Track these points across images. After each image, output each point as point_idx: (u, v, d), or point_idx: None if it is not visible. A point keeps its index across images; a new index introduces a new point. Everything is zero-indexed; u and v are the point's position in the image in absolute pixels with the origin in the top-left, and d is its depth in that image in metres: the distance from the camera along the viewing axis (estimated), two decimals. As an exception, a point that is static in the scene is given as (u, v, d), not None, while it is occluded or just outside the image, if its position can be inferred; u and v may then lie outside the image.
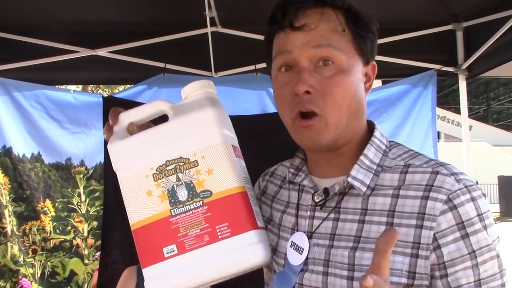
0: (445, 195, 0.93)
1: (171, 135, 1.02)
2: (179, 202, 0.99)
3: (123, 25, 3.01)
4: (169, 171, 1.00)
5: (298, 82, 0.98)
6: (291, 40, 1.01)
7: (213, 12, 2.73)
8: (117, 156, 1.04)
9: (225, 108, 2.21)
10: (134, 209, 1.02)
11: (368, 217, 0.99)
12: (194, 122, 1.01)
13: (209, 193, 0.98)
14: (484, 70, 3.12)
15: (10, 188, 3.02)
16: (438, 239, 0.92)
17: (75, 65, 3.06)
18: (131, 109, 1.07)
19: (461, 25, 3.07)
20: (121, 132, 1.06)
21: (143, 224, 1.01)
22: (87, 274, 3.13)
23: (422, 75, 3.19)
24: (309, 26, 0.98)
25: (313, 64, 1.00)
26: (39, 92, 3.04)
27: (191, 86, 1.06)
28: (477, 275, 0.91)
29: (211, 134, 1.01)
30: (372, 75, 1.09)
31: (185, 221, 0.98)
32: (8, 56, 2.98)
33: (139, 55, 3.07)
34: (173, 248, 0.98)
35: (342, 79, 0.99)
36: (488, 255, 0.92)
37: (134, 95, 3.08)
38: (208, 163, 0.99)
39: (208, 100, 1.05)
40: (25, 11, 2.79)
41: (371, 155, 1.05)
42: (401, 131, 3.17)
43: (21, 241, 3.03)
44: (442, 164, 0.99)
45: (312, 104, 0.98)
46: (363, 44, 1.03)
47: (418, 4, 2.82)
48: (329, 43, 0.98)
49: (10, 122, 3.01)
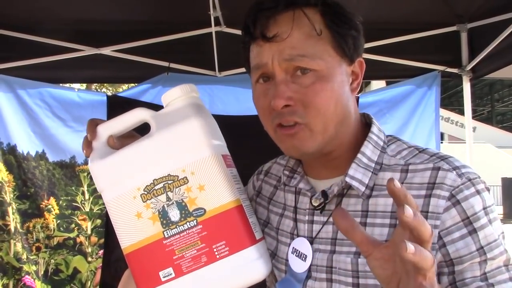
0: (447, 191, 0.90)
1: (156, 151, 0.95)
2: (171, 222, 0.93)
3: (128, 24, 3.02)
4: (157, 191, 0.94)
5: (275, 96, 0.93)
6: (265, 52, 0.95)
7: (218, 12, 2.73)
8: (100, 176, 0.97)
9: (229, 107, 2.22)
10: (125, 232, 0.96)
11: (370, 219, 0.96)
12: (179, 135, 0.94)
13: (202, 211, 0.93)
14: (488, 71, 3.11)
15: (14, 185, 3.03)
16: (443, 237, 0.89)
17: (79, 63, 3.07)
18: (109, 120, 1.00)
19: (466, 26, 3.07)
20: (101, 147, 0.99)
21: (136, 248, 0.95)
22: (91, 272, 3.13)
23: (426, 76, 3.19)
24: (281, 35, 0.92)
25: (289, 74, 0.94)
26: (43, 90, 3.05)
27: (172, 92, 0.99)
28: (483, 269, 0.88)
29: (199, 147, 0.94)
30: (360, 72, 1.02)
31: (179, 242, 0.93)
32: (12, 54, 2.99)
33: (144, 54, 3.08)
34: (170, 272, 0.93)
35: (322, 86, 0.92)
36: (498, 250, 0.89)
37: (138, 94, 3.09)
38: (199, 179, 0.93)
39: (192, 108, 0.97)
40: (29, 9, 2.79)
41: (369, 153, 1.01)
42: (404, 132, 3.16)
43: (25, 238, 3.04)
44: (443, 158, 0.96)
45: (294, 115, 0.93)
46: (344, 43, 0.96)
47: (423, 5, 2.81)
48: (302, 54, 0.92)
49: (15, 120, 3.01)
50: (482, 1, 2.82)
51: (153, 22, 3.03)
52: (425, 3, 2.80)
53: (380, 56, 3.08)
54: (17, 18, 2.90)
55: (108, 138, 0.99)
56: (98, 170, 0.97)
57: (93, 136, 0.99)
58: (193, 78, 3.14)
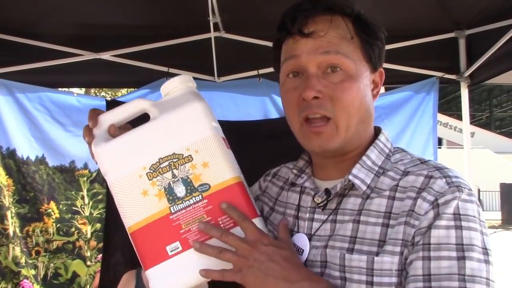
0: (433, 196, 0.93)
1: (160, 132, 1.00)
2: (177, 198, 0.97)
3: (127, 29, 3.02)
4: (163, 169, 0.98)
5: (306, 87, 0.99)
6: (300, 46, 1.02)
7: (217, 18, 2.74)
8: (105, 159, 1.01)
9: (228, 113, 2.21)
10: (130, 211, 0.99)
11: (363, 217, 1.00)
12: (183, 117, 1.00)
13: (207, 186, 0.97)
14: (486, 78, 3.12)
15: (14, 189, 3.03)
16: (415, 236, 0.92)
17: (78, 68, 3.07)
18: (110, 110, 1.05)
19: (464, 33, 3.08)
20: (102, 134, 1.03)
21: (142, 225, 0.98)
22: (90, 276, 3.14)
23: (424, 82, 3.19)
24: (318, 33, 1.00)
25: (321, 70, 1.01)
26: (42, 95, 3.05)
27: (172, 82, 1.05)
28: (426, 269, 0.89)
29: (202, 128, 1.00)
30: (379, 82, 1.11)
31: (186, 216, 0.97)
32: (12, 59, 2.99)
33: (143, 59, 3.08)
34: (177, 246, 0.96)
35: (350, 85, 1.00)
36: (446, 253, 0.89)
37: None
38: (203, 157, 0.98)
39: (193, 94, 1.04)
40: (29, 13, 2.80)
41: (374, 157, 1.06)
42: (402, 137, 3.17)
43: (24, 242, 3.04)
44: (439, 169, 0.99)
45: (322, 108, 0.99)
46: (371, 51, 1.04)
47: (421, 12, 2.83)
48: (337, 50, 1.00)
49: (14, 124, 3.02)
50: (480, 8, 2.83)
51: (153, 27, 3.04)
52: (423, 10, 2.82)
53: (379, 62, 3.09)
54: (16, 22, 2.90)
55: (109, 126, 1.03)
56: (102, 152, 1.01)
57: (95, 124, 1.04)
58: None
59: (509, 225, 17.80)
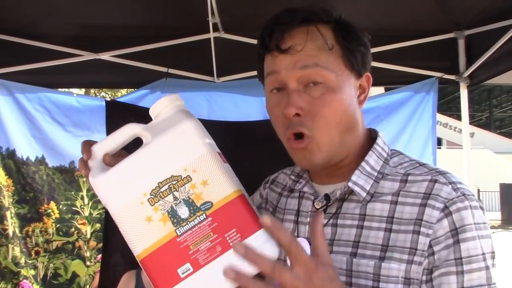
0: (442, 203, 0.94)
1: (155, 157, 1.00)
2: (182, 220, 0.97)
3: (127, 29, 3.03)
4: (163, 193, 0.98)
5: (287, 105, 0.99)
6: (279, 62, 1.01)
7: (216, 18, 2.75)
8: (104, 190, 1.01)
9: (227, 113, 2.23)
10: (137, 239, 0.99)
11: (367, 222, 1.00)
12: (176, 138, 1.00)
13: (210, 204, 0.97)
14: (485, 78, 3.13)
15: (13, 190, 3.04)
16: (433, 246, 0.93)
17: (78, 68, 3.08)
18: (103, 139, 1.04)
19: (463, 33, 3.08)
20: (98, 165, 1.02)
21: (150, 251, 0.98)
22: (89, 276, 3.14)
23: (423, 82, 3.19)
24: (295, 47, 0.99)
25: (302, 84, 1.00)
26: (42, 95, 3.05)
27: (160, 103, 1.04)
28: (460, 283, 0.91)
29: (196, 146, 0.99)
30: (367, 86, 1.09)
31: (193, 237, 0.96)
32: (11, 59, 2.99)
33: (142, 59, 3.09)
34: (188, 267, 0.96)
35: (332, 97, 0.99)
36: (476, 265, 0.92)
37: (137, 99, 3.09)
38: (201, 175, 0.98)
39: (182, 113, 1.03)
40: (28, 14, 2.81)
41: (373, 162, 1.06)
42: (401, 137, 3.17)
43: (24, 242, 3.05)
44: (441, 173, 1.00)
45: (302, 126, 0.99)
46: (353, 58, 1.02)
47: (421, 12, 2.83)
48: (316, 63, 0.98)
49: (14, 125, 3.02)
50: (479, 8, 2.83)
51: (152, 27, 3.04)
52: (423, 11, 2.82)
53: (378, 63, 3.09)
54: (16, 23, 2.91)
55: (104, 156, 1.02)
56: (100, 184, 1.01)
57: (89, 156, 1.02)
58: (191, 84, 3.15)
59: (508, 225, 17.82)
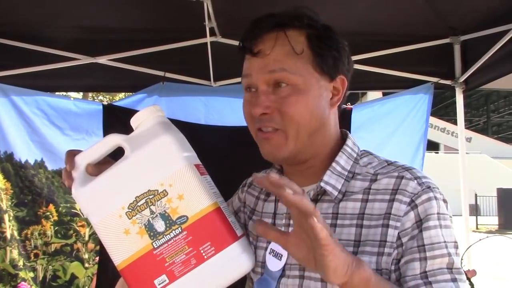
0: (408, 197, 1.00)
1: (133, 170, 1.02)
2: (158, 233, 1.00)
3: (124, 33, 3.03)
4: (140, 207, 1.01)
5: (255, 105, 1.05)
6: (251, 65, 1.08)
7: (213, 22, 2.75)
8: (85, 202, 1.05)
9: (224, 117, 2.21)
10: (116, 250, 1.03)
11: (339, 221, 1.05)
12: (153, 152, 1.02)
13: (185, 218, 1.00)
14: (481, 83, 3.14)
15: (12, 193, 3.04)
16: (402, 237, 0.99)
17: (75, 72, 3.07)
18: (85, 150, 1.07)
19: (459, 38, 3.10)
20: (81, 175, 1.05)
21: (129, 262, 1.02)
22: (88, 278, 3.14)
23: (419, 87, 3.20)
24: (264, 51, 1.05)
25: (271, 86, 1.06)
26: (39, 99, 3.05)
27: (139, 115, 1.07)
28: (423, 268, 0.96)
29: (173, 160, 1.02)
30: (341, 88, 1.12)
31: (168, 250, 1.00)
32: (8, 62, 2.99)
33: (139, 63, 3.10)
34: (164, 278, 1.00)
35: (297, 98, 1.04)
36: (439, 252, 0.97)
37: (134, 103, 3.09)
38: (177, 189, 1.00)
39: (160, 126, 1.05)
40: (25, 17, 2.81)
41: (343, 162, 1.11)
42: (391, 139, 3.17)
43: (22, 245, 3.04)
44: (407, 169, 1.07)
45: (272, 122, 1.05)
46: (323, 63, 1.07)
47: (416, 17, 2.84)
48: (282, 67, 1.04)
49: (12, 128, 3.01)
50: (475, 14, 2.85)
51: (149, 31, 3.05)
52: (418, 16, 2.83)
53: (374, 68, 3.11)
54: (13, 26, 2.91)
55: (86, 166, 1.05)
56: (81, 196, 1.04)
57: (72, 166, 1.05)
58: (188, 88, 3.16)
59: (506, 230, 17.82)
